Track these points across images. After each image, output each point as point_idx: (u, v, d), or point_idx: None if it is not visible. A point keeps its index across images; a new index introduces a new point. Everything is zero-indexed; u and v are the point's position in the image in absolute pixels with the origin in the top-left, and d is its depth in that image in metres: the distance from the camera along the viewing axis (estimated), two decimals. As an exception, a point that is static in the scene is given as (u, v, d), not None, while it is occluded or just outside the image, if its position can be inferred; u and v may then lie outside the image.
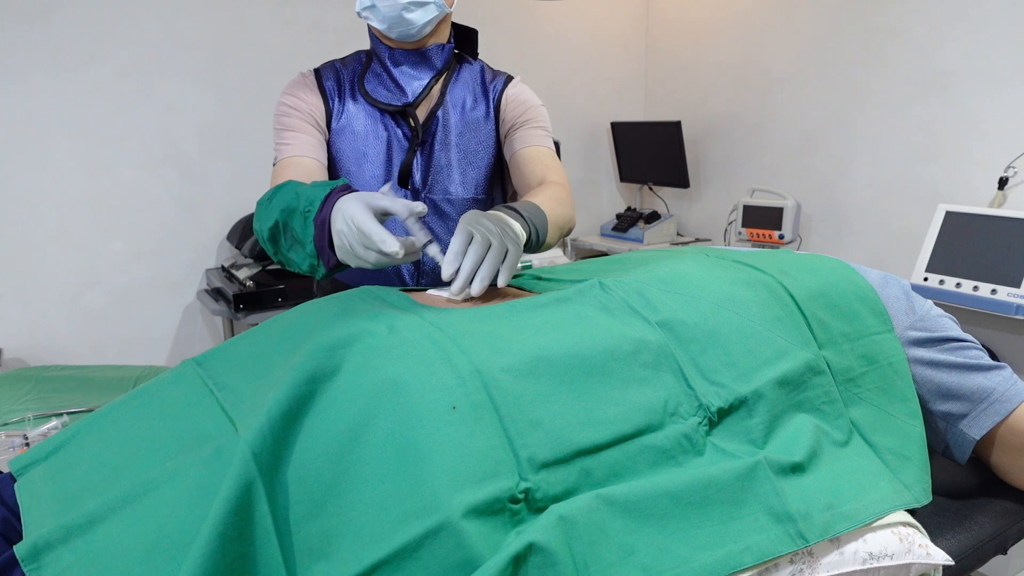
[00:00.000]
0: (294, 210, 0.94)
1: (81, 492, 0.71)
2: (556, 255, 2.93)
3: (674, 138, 3.12)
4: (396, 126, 1.26)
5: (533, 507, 0.68)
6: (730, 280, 0.98)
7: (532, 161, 1.27)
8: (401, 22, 1.18)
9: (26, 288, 2.29)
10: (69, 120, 2.28)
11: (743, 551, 0.72)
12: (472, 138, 1.29)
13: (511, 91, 1.32)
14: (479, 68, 1.35)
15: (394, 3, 1.16)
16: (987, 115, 2.28)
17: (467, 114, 1.28)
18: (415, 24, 1.19)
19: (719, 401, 0.82)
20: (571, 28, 3.30)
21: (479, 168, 1.29)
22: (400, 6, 1.16)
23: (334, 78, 1.29)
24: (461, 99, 1.29)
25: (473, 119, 1.29)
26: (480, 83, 1.32)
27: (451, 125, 1.27)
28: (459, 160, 1.27)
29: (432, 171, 1.26)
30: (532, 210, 1.03)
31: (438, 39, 1.27)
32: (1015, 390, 0.99)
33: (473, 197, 1.29)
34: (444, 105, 1.27)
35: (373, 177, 1.26)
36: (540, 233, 1.03)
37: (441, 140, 1.26)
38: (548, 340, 0.79)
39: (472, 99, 1.30)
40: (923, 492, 0.89)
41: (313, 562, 0.63)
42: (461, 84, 1.31)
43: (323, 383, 0.71)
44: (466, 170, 1.28)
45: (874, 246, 2.66)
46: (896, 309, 1.05)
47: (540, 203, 1.07)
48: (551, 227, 1.07)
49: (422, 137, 1.25)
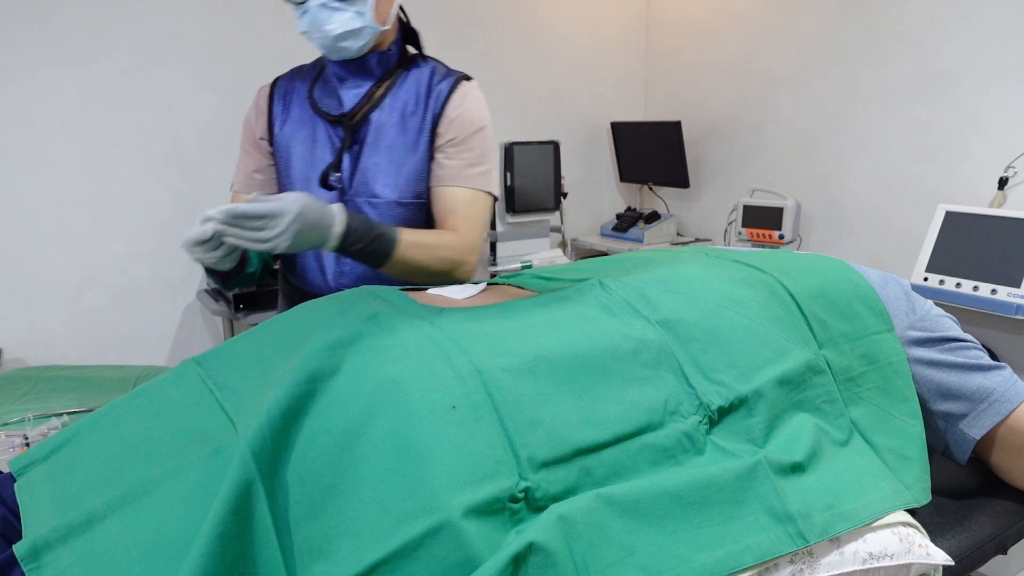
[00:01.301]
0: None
1: (81, 492, 0.71)
2: (556, 255, 2.93)
3: (674, 138, 3.12)
4: (333, 131, 1.28)
5: (533, 506, 0.68)
6: (730, 280, 0.98)
7: (441, 203, 1.28)
8: (337, 50, 1.21)
9: (26, 288, 2.29)
10: (69, 120, 2.28)
11: (743, 551, 0.72)
12: (405, 142, 1.27)
13: (455, 101, 1.27)
14: (430, 69, 1.31)
15: (325, 36, 1.19)
16: (987, 115, 2.28)
17: (406, 118, 1.27)
18: (350, 50, 1.22)
19: (719, 400, 0.82)
20: (571, 28, 3.30)
21: (408, 172, 1.27)
22: (332, 38, 1.19)
23: (287, 86, 1.34)
24: (403, 102, 1.28)
25: (411, 124, 1.27)
26: (427, 86, 1.29)
27: (385, 128, 1.27)
28: (388, 163, 1.27)
29: (359, 173, 1.27)
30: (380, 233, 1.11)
31: (380, 47, 1.27)
32: (1015, 390, 0.99)
33: (398, 200, 1.27)
34: (381, 108, 1.27)
35: (300, 180, 1.29)
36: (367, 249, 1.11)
37: (372, 143, 1.27)
38: (548, 339, 0.79)
39: (414, 102, 1.28)
40: (923, 492, 0.89)
41: (313, 562, 0.63)
42: (407, 87, 1.29)
43: (323, 383, 0.71)
44: (395, 173, 1.27)
45: (874, 246, 2.66)
46: (896, 309, 1.05)
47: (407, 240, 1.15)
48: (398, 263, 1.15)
49: (353, 140, 1.27)
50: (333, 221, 1.07)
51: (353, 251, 1.11)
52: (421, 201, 1.30)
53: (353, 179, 1.27)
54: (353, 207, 1.26)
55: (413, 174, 1.27)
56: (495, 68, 3.08)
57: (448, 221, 1.26)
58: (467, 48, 2.98)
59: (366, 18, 1.18)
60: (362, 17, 1.18)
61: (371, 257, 1.14)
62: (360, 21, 1.18)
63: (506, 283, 1.13)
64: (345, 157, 1.27)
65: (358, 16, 1.18)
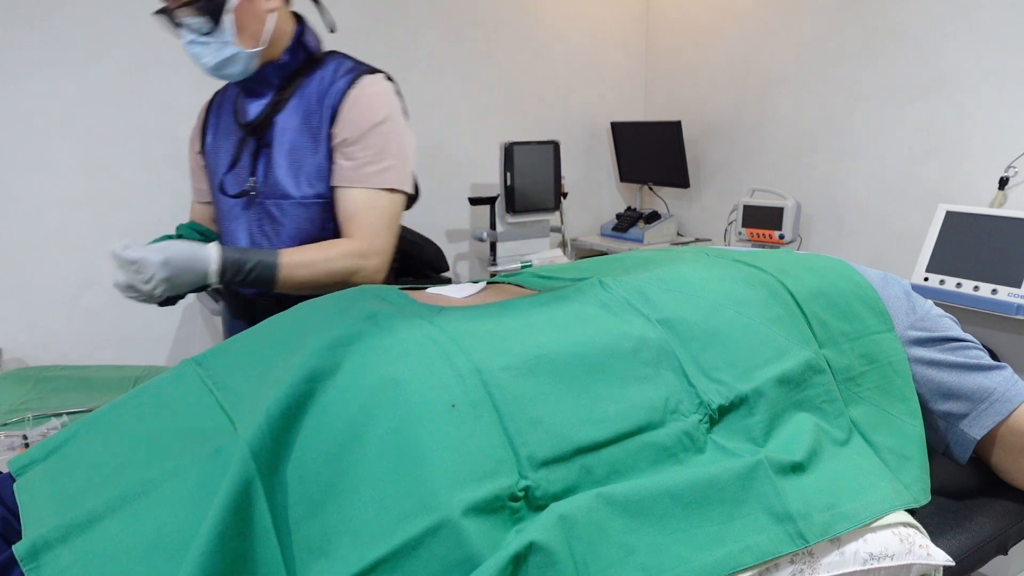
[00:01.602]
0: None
1: (80, 492, 0.71)
2: (556, 255, 2.93)
3: (674, 138, 3.12)
4: (246, 138, 1.32)
5: (533, 505, 0.68)
6: (731, 279, 0.98)
7: (339, 206, 1.28)
8: (222, 76, 1.26)
9: (26, 288, 2.29)
10: (69, 120, 2.28)
11: (743, 551, 0.72)
12: (306, 143, 1.28)
13: (350, 98, 1.26)
14: (334, 67, 1.30)
15: (205, 67, 1.24)
16: (987, 115, 2.28)
17: (309, 119, 1.28)
18: (235, 74, 1.26)
19: (720, 399, 0.82)
20: (571, 28, 3.29)
21: (309, 172, 1.28)
22: (211, 68, 1.24)
23: (220, 99, 1.41)
24: (306, 103, 1.28)
25: (311, 124, 1.28)
26: (328, 84, 1.28)
27: (287, 131, 1.28)
28: (289, 164, 1.28)
29: (269, 177, 1.29)
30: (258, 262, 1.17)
31: (272, 60, 1.28)
32: (1016, 390, 0.99)
33: (300, 200, 1.28)
34: (285, 111, 1.29)
35: (215, 187, 1.37)
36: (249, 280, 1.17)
37: (277, 146, 1.29)
38: (548, 338, 0.79)
39: (316, 102, 1.28)
40: (922, 492, 0.89)
41: (313, 561, 0.63)
42: (311, 88, 1.29)
43: (323, 382, 0.71)
44: (296, 174, 1.28)
45: (874, 246, 2.66)
46: (896, 309, 1.05)
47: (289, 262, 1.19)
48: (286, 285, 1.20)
49: (260, 145, 1.30)
50: (207, 261, 1.14)
51: (237, 283, 1.18)
52: (324, 201, 1.30)
53: (266, 183, 1.30)
54: (263, 210, 1.30)
55: (314, 174, 1.28)
56: (495, 68, 3.08)
57: (346, 226, 1.27)
58: (467, 48, 2.98)
59: (233, 47, 1.21)
60: (228, 46, 1.21)
61: (256, 284, 1.20)
62: (228, 50, 1.21)
63: (506, 282, 1.13)
64: (259, 163, 1.30)
65: (224, 46, 1.21)
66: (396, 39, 2.76)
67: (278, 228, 1.30)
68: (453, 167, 3.02)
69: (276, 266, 1.19)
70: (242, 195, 1.31)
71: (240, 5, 1.19)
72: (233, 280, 1.17)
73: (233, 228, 1.35)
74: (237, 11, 1.19)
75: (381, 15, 2.71)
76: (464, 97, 3.00)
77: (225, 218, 1.37)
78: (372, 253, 1.26)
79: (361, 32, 2.68)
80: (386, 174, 1.28)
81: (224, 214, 1.37)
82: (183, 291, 1.16)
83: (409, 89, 2.84)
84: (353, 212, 1.27)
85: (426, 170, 2.97)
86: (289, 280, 1.20)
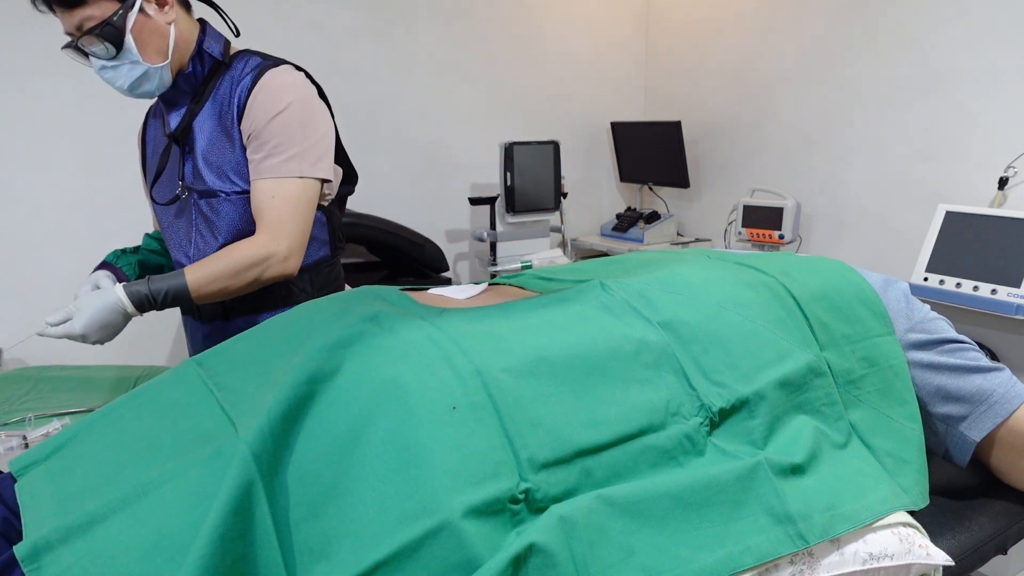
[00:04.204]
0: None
1: (81, 492, 0.71)
2: (556, 255, 2.93)
3: (674, 138, 3.12)
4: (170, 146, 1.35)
5: (533, 507, 0.68)
6: (732, 281, 0.98)
7: (252, 201, 1.30)
8: (139, 95, 1.28)
9: (26, 288, 2.29)
10: (69, 120, 2.28)
11: (743, 552, 0.72)
12: (223, 142, 1.30)
13: (254, 93, 1.28)
14: (242, 65, 1.32)
15: (121, 90, 1.26)
16: (987, 115, 2.28)
17: (223, 118, 1.30)
18: (151, 92, 1.28)
19: (721, 401, 0.82)
20: (571, 28, 3.29)
21: (229, 168, 1.31)
22: (126, 90, 1.26)
23: (155, 109, 1.44)
24: (220, 104, 1.31)
25: (225, 123, 1.30)
26: (237, 83, 1.30)
27: (204, 132, 1.31)
28: (214, 164, 1.31)
29: (196, 180, 1.32)
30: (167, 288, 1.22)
31: (182, 69, 1.30)
32: (1015, 391, 0.99)
33: (228, 196, 1.31)
34: (202, 115, 1.31)
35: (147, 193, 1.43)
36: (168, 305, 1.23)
37: (200, 149, 1.31)
38: (549, 340, 0.79)
39: (227, 102, 1.30)
40: (920, 496, 0.89)
41: (313, 563, 0.63)
42: (223, 88, 1.31)
43: (323, 383, 0.71)
44: (217, 172, 1.31)
45: (874, 246, 2.66)
46: (897, 312, 1.05)
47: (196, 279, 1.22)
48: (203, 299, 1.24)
49: (185, 151, 1.33)
50: (120, 305, 1.19)
51: (161, 308, 1.23)
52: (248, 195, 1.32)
53: (194, 184, 1.32)
54: (198, 212, 1.33)
55: (232, 170, 1.31)
56: (495, 68, 3.08)
57: (257, 219, 1.29)
58: (467, 48, 2.98)
59: (142, 65, 1.23)
60: (138, 65, 1.23)
61: (178, 304, 1.26)
62: (138, 69, 1.23)
63: (507, 283, 1.13)
64: (186, 167, 1.33)
65: (133, 67, 1.23)
66: (396, 39, 2.76)
67: (214, 229, 1.33)
68: (453, 167, 3.02)
69: (185, 287, 1.22)
70: (174, 201, 1.34)
71: (139, 24, 1.20)
72: (157, 308, 1.22)
73: (173, 234, 1.39)
74: (137, 30, 1.20)
75: (381, 15, 2.71)
76: (464, 97, 3.00)
77: (165, 227, 1.41)
78: (278, 241, 1.27)
79: (361, 32, 2.68)
80: (291, 163, 1.28)
81: (163, 223, 1.41)
82: (120, 330, 1.22)
83: (409, 89, 2.86)
84: (259, 204, 1.28)
85: (426, 170, 2.98)
86: (203, 295, 1.23)
